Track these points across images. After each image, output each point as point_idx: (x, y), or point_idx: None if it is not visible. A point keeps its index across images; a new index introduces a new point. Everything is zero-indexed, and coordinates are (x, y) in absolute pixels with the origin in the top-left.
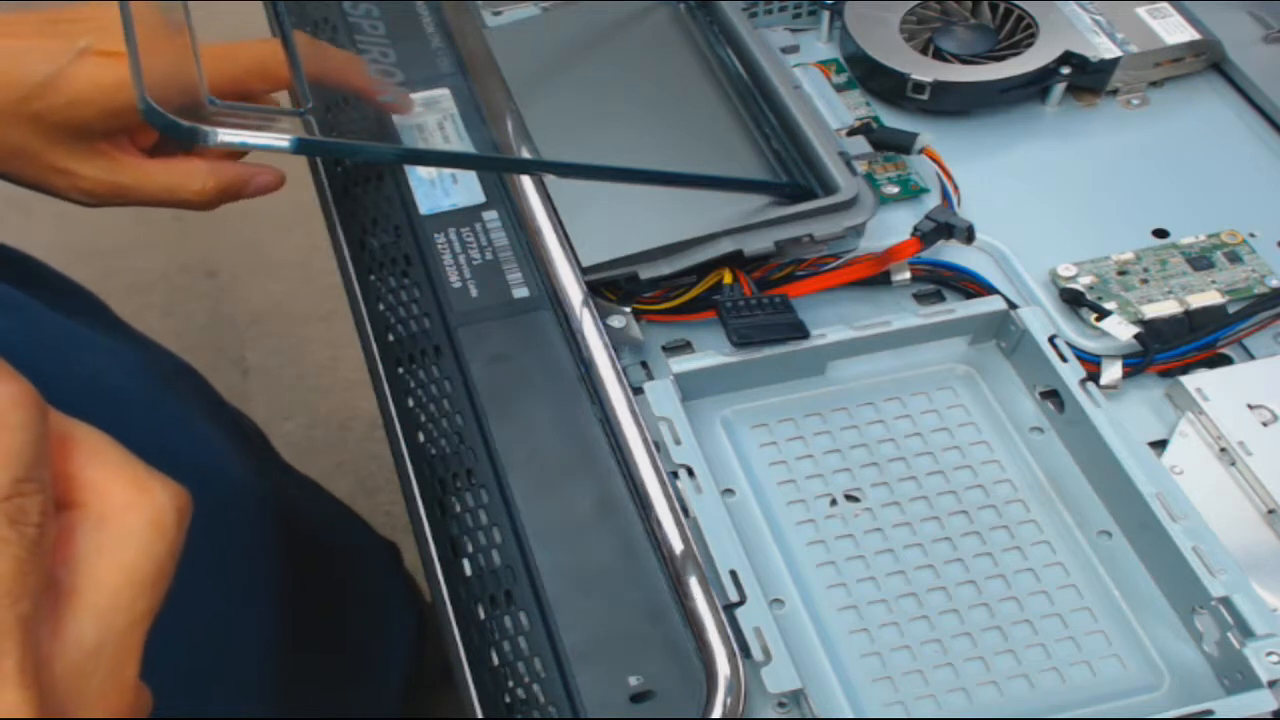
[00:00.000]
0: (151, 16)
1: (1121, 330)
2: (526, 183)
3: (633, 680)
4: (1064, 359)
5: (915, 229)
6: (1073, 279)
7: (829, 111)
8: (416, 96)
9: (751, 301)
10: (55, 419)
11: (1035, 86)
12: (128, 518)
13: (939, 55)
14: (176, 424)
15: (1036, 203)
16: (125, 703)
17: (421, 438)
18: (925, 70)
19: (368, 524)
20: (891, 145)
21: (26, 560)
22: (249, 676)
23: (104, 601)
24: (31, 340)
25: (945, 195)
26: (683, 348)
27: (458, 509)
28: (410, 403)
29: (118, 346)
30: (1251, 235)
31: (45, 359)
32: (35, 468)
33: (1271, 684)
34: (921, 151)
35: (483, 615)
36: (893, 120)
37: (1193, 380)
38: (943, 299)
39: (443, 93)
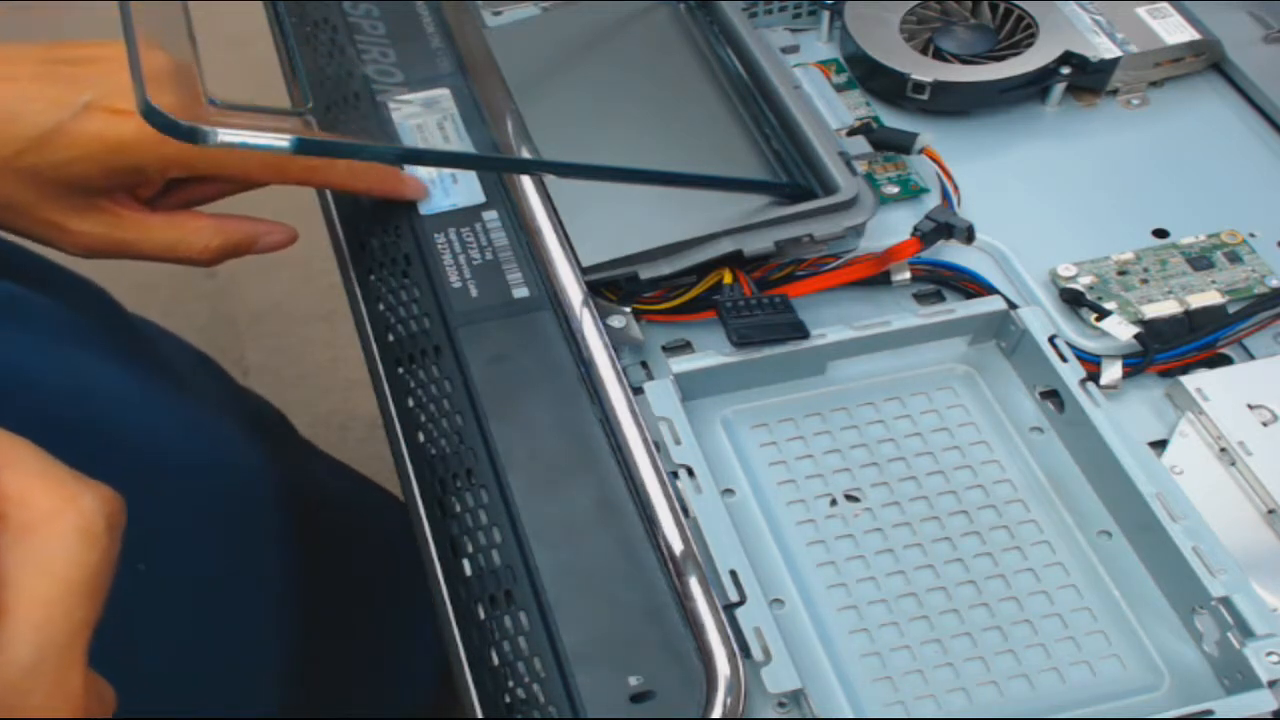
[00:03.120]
0: (152, 17)
1: (1121, 330)
2: (526, 183)
3: (633, 680)
4: (1064, 359)
5: (915, 229)
6: (1073, 279)
7: (829, 111)
8: (416, 96)
9: (751, 301)
10: None
11: (1035, 86)
12: (53, 527)
13: (939, 55)
14: (173, 418)
15: (1036, 203)
16: (75, 711)
17: (421, 438)
18: (925, 70)
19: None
20: (891, 145)
21: None
22: (267, 663)
23: (37, 616)
24: (7, 339)
25: (945, 195)
26: (683, 348)
27: (458, 509)
28: (410, 403)
29: (114, 342)
30: (1251, 235)
31: (29, 360)
32: None
33: (1271, 684)
34: (921, 151)
35: (483, 615)
36: (893, 120)
37: (1193, 380)
38: (943, 299)
39: (443, 93)
